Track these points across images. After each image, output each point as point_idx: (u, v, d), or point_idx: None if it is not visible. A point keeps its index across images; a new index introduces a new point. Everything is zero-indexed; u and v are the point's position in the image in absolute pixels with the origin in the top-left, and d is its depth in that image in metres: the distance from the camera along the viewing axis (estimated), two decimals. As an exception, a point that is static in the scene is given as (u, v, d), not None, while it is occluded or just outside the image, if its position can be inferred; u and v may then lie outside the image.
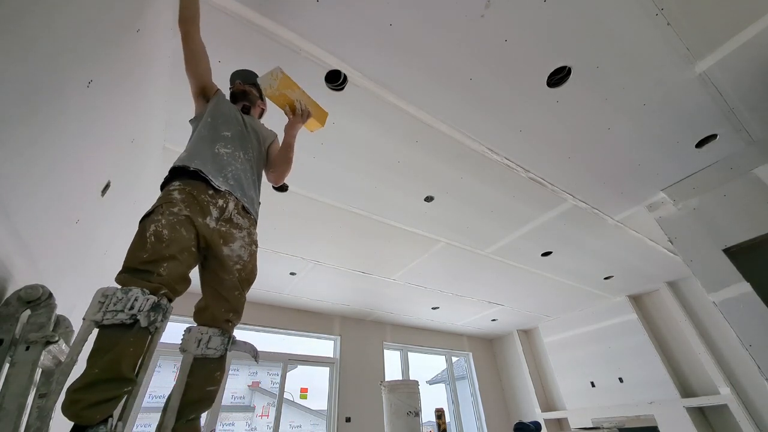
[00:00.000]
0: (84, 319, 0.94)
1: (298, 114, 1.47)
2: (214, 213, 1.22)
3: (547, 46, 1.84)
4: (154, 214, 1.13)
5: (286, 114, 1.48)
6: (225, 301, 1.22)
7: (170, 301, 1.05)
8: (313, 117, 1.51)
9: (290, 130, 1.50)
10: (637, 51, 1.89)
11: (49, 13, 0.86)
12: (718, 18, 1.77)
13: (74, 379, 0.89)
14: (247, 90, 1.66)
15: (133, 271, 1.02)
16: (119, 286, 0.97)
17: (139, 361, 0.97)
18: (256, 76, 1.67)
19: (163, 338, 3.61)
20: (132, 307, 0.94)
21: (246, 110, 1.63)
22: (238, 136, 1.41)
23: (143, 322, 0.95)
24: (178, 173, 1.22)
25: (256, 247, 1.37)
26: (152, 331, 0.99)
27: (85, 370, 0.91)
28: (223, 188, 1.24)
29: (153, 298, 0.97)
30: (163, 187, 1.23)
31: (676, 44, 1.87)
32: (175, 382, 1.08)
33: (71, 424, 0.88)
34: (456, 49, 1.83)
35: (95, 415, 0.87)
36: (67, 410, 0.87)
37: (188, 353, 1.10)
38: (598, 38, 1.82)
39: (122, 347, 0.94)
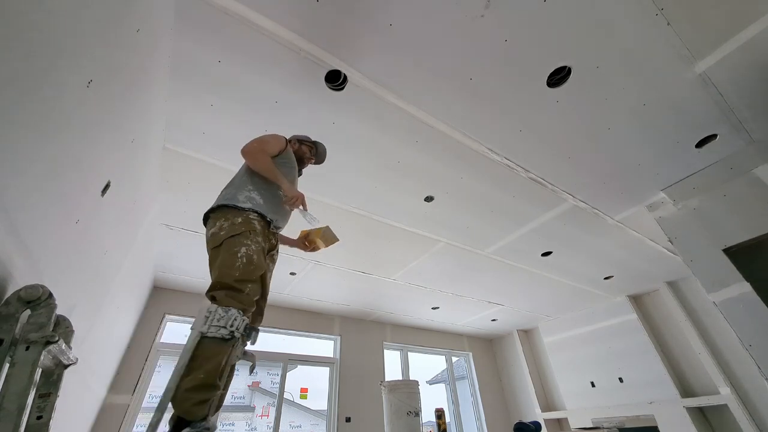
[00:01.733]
0: (192, 329, 1.12)
1: (303, 245, 1.88)
2: (267, 248, 1.50)
3: (547, 46, 1.84)
4: (242, 237, 1.34)
5: (299, 238, 1.92)
6: (260, 316, 1.54)
7: None
8: (317, 243, 1.89)
9: (286, 241, 1.90)
10: (637, 51, 1.89)
11: (49, 13, 0.86)
12: (718, 18, 1.77)
13: (186, 379, 1.08)
14: (307, 160, 2.01)
15: (228, 288, 1.21)
16: (211, 303, 1.17)
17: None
18: (308, 139, 2.06)
19: (163, 338, 3.60)
20: (232, 325, 1.14)
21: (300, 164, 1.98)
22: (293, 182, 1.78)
23: (237, 339, 1.15)
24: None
25: None
26: (234, 346, 1.18)
27: (194, 374, 1.08)
28: (278, 227, 1.59)
29: (246, 320, 1.18)
30: (228, 206, 1.47)
31: (676, 44, 1.87)
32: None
33: (72, 424, 0.89)
34: (456, 49, 1.83)
35: (199, 413, 1.05)
36: (179, 406, 1.04)
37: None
38: (598, 38, 1.82)
39: (220, 358, 1.12)
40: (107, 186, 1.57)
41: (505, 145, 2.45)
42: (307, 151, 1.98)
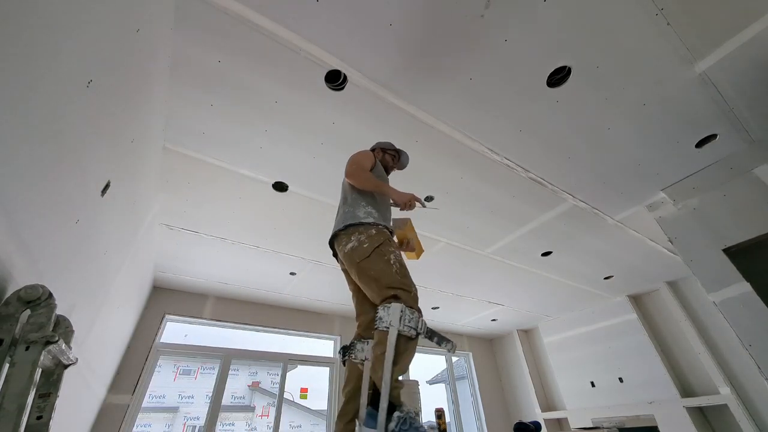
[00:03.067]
0: (390, 326, 1.24)
1: (404, 246, 1.90)
2: None
3: (547, 46, 1.84)
4: (385, 246, 1.47)
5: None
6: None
7: None
8: (414, 252, 1.93)
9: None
10: (637, 51, 1.89)
11: (49, 13, 0.86)
12: (718, 18, 1.77)
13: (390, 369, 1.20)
14: (390, 168, 2.09)
15: (401, 290, 1.34)
16: (396, 302, 1.30)
17: None
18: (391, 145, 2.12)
19: (163, 338, 3.60)
20: (417, 325, 1.28)
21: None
22: None
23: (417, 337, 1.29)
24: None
25: None
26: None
27: (399, 365, 1.23)
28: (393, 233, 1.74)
29: (424, 320, 1.32)
30: (354, 225, 1.56)
31: (676, 44, 1.87)
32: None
33: (72, 424, 0.89)
34: (456, 49, 1.83)
35: (401, 399, 1.20)
36: (391, 393, 1.18)
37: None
38: (598, 38, 1.82)
39: (412, 353, 1.30)
40: (107, 186, 1.57)
41: (505, 145, 2.45)
42: (390, 160, 2.06)
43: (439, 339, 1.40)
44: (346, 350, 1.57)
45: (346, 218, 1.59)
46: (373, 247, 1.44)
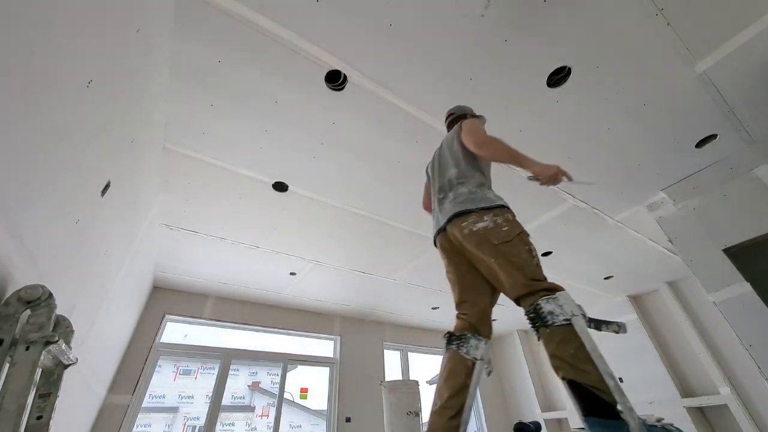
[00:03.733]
0: (574, 315, 1.10)
1: None
2: None
3: (547, 46, 1.84)
4: (525, 235, 1.36)
5: None
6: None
7: None
8: None
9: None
10: (637, 51, 1.89)
11: (49, 13, 0.86)
12: (718, 18, 1.77)
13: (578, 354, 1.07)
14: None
15: (545, 279, 1.21)
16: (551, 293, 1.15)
17: None
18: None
19: (163, 338, 3.59)
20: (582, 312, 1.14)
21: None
22: None
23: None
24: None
25: None
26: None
27: (578, 351, 1.07)
28: None
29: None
30: (500, 205, 1.46)
31: (676, 44, 1.87)
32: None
33: (72, 424, 0.89)
34: (456, 49, 1.83)
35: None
36: (606, 390, 1.02)
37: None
38: (598, 38, 1.82)
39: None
40: (107, 186, 1.57)
41: (505, 145, 2.45)
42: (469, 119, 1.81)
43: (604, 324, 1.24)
44: (454, 340, 1.35)
45: (477, 200, 1.42)
46: (515, 232, 1.33)
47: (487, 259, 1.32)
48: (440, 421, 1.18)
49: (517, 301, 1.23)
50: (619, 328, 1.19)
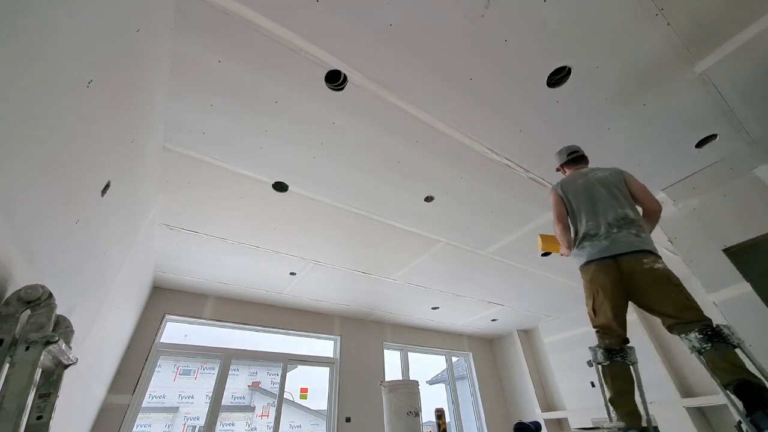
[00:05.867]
0: (741, 341, 1.60)
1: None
2: None
3: (547, 46, 1.84)
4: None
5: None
6: None
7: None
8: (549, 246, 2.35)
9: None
10: (637, 51, 1.89)
11: (49, 13, 0.86)
12: (718, 18, 1.77)
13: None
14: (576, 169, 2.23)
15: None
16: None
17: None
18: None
19: (163, 338, 3.61)
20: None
21: None
22: None
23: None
24: None
25: None
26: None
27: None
28: None
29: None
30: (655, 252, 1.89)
31: (676, 44, 1.87)
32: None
33: (72, 424, 0.89)
34: (456, 49, 1.83)
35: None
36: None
37: None
38: (598, 38, 1.82)
39: None
40: (107, 186, 1.57)
41: (505, 145, 2.45)
42: (572, 167, 2.21)
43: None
44: (614, 354, 1.82)
45: (649, 243, 1.80)
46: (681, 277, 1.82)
47: (664, 294, 1.72)
48: (626, 410, 1.75)
49: (682, 318, 1.66)
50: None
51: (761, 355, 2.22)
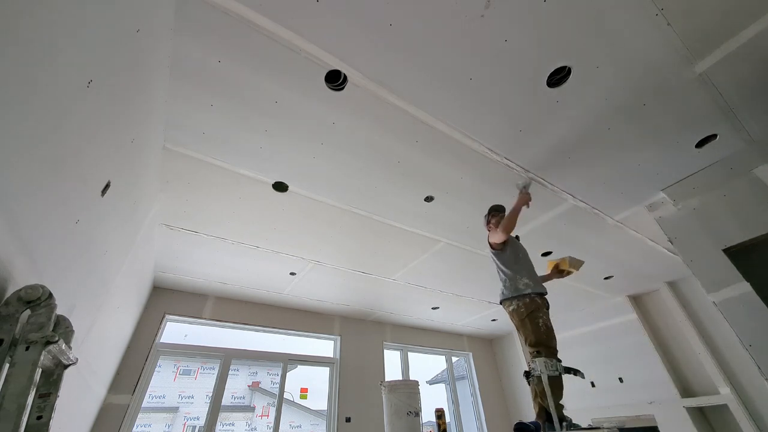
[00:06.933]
0: (542, 373, 2.12)
1: (558, 274, 2.93)
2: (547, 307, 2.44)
3: (547, 46, 1.84)
4: (537, 312, 2.27)
5: (552, 271, 2.93)
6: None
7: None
8: (569, 269, 2.83)
9: (545, 280, 2.74)
10: (637, 51, 1.89)
11: (49, 13, 0.86)
12: (718, 18, 1.77)
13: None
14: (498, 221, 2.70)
15: (545, 346, 2.18)
16: (538, 356, 2.16)
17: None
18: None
19: (163, 338, 3.61)
20: (557, 369, 2.14)
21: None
22: None
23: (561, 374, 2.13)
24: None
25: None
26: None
27: (556, 395, 2.15)
28: (546, 293, 2.47)
29: (561, 363, 2.16)
30: (515, 296, 2.39)
31: (676, 44, 1.87)
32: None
33: (72, 424, 0.89)
34: (456, 49, 1.83)
35: (564, 415, 2.09)
36: (558, 412, 2.08)
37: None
38: (598, 38, 1.82)
39: (561, 385, 2.23)
40: (107, 186, 1.57)
41: (505, 145, 2.45)
42: (495, 218, 2.70)
43: (573, 371, 2.20)
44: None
45: (511, 291, 2.39)
46: (527, 313, 2.26)
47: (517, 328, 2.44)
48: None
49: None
50: (582, 375, 2.19)
51: (761, 354, 2.22)
